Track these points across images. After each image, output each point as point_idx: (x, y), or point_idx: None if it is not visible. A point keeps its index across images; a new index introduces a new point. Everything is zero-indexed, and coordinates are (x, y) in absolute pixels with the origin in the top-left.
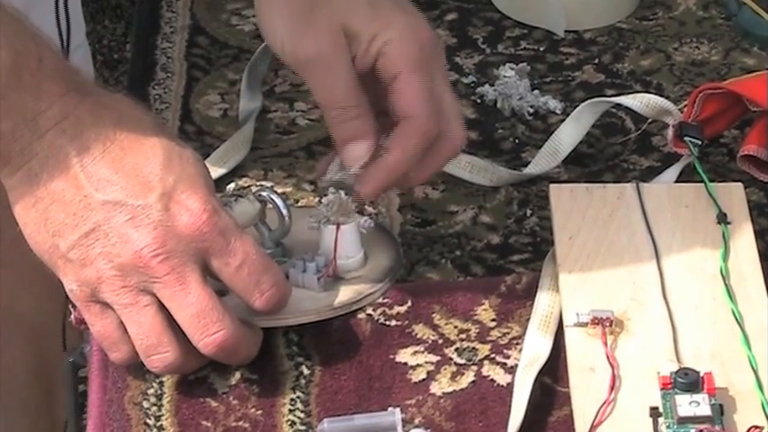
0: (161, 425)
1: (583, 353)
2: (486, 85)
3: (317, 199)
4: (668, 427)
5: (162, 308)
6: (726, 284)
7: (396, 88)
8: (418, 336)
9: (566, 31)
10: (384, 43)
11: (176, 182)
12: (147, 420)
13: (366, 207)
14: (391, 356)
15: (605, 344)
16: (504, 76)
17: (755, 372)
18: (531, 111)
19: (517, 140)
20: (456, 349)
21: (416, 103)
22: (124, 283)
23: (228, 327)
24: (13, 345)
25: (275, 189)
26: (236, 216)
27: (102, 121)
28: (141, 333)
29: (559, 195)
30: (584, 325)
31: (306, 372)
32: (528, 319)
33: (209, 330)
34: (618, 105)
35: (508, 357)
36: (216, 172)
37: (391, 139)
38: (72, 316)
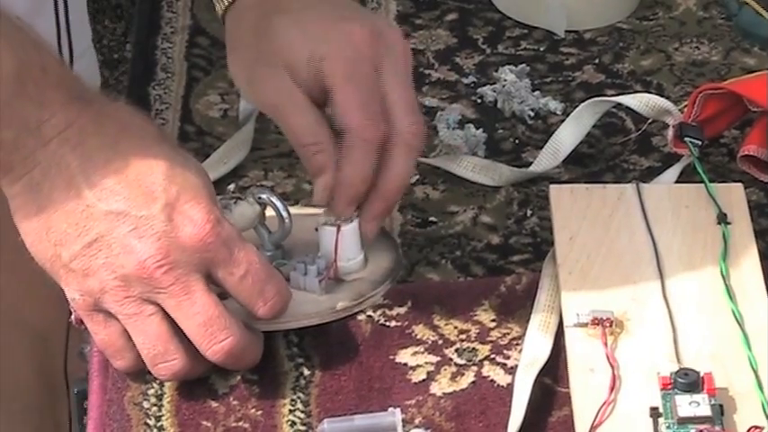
0: (161, 425)
1: (583, 353)
2: (487, 86)
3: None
4: (668, 427)
5: (166, 316)
6: (726, 284)
7: (333, 102)
8: (418, 336)
9: (566, 31)
10: (319, 61)
11: (179, 192)
12: (148, 421)
13: None
14: (391, 357)
15: (605, 344)
16: (504, 79)
17: (755, 372)
18: (533, 114)
19: (517, 141)
20: (456, 350)
21: (350, 113)
22: (128, 294)
23: (235, 333)
24: (17, 349)
25: (275, 190)
26: (236, 218)
27: (105, 130)
28: (147, 342)
29: (559, 196)
30: (585, 325)
31: (306, 372)
32: (528, 320)
33: (216, 338)
34: (618, 105)
35: (508, 358)
36: (216, 172)
37: (340, 155)
38: (72, 316)
